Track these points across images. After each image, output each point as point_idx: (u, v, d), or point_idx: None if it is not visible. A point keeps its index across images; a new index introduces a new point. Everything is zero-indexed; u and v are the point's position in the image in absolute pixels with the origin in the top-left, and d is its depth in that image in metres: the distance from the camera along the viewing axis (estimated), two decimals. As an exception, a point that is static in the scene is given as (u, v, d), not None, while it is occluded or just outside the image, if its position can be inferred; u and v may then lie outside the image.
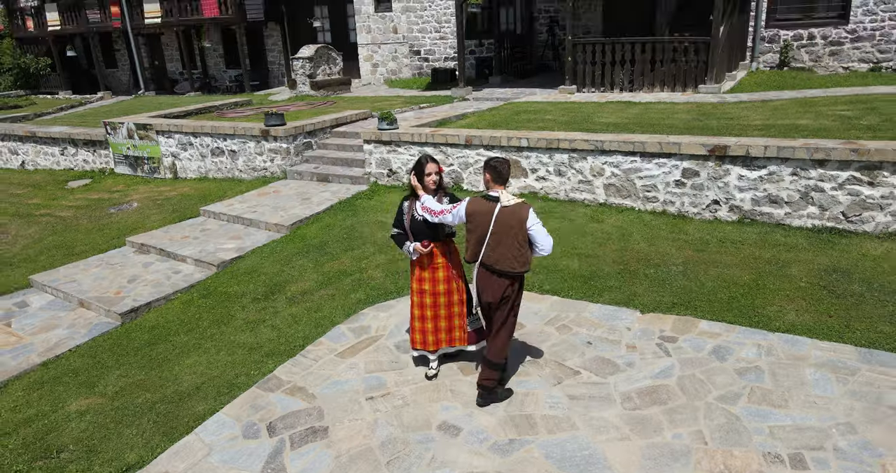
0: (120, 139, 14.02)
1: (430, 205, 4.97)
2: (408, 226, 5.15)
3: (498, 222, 4.71)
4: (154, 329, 7.22)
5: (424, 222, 5.07)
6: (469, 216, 4.85)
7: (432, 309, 5.31)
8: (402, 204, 5.25)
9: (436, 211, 4.94)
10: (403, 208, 5.21)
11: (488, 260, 4.82)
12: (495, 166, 4.79)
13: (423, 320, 5.36)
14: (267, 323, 6.94)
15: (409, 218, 5.13)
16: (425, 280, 5.24)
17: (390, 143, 10.50)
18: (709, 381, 5.16)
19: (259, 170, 12.24)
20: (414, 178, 5.09)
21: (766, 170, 7.77)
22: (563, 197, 9.27)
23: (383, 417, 5.09)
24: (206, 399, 5.69)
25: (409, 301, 5.43)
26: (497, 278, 4.84)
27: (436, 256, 5.20)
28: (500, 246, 4.74)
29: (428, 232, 5.10)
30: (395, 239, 5.32)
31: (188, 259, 8.75)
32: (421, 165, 5.04)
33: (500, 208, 4.73)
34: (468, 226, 4.89)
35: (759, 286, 6.58)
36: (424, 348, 5.45)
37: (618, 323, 6.16)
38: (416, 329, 5.43)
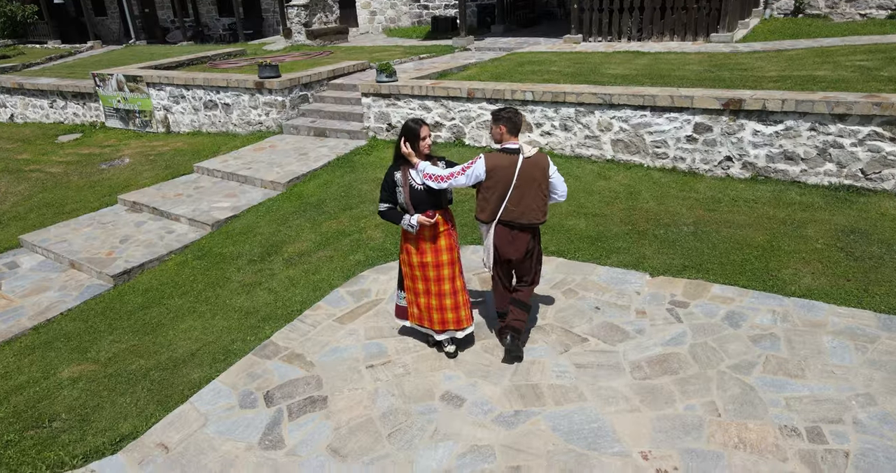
0: (110, 92, 13.56)
1: (434, 171, 4.62)
2: (407, 198, 4.68)
3: (521, 175, 4.53)
4: (147, 291, 7.02)
5: (426, 191, 4.68)
6: (490, 172, 4.58)
7: (436, 284, 4.89)
8: (391, 176, 4.72)
9: (443, 176, 4.60)
10: (396, 180, 4.70)
11: (510, 216, 4.64)
12: (510, 117, 4.58)
13: (428, 295, 4.93)
14: (263, 286, 6.73)
15: (408, 189, 4.67)
16: (427, 252, 4.87)
17: (389, 96, 10.09)
18: (722, 349, 4.97)
19: (254, 124, 11.85)
20: (406, 145, 4.61)
21: (783, 125, 7.42)
22: (568, 153, 8.93)
23: (384, 386, 4.92)
24: (202, 366, 5.52)
25: (406, 276, 5.02)
26: (519, 233, 4.73)
27: (439, 224, 4.83)
28: (524, 199, 4.59)
29: (431, 200, 4.73)
30: (385, 215, 4.81)
31: (182, 218, 8.48)
32: (414, 130, 4.59)
33: (523, 160, 4.54)
34: (486, 184, 4.62)
35: (773, 247, 6.34)
36: (430, 327, 5.09)
37: (626, 286, 5.94)
38: (413, 302, 5.06)
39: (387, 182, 4.75)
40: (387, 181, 4.75)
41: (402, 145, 4.63)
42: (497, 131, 4.65)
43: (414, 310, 5.11)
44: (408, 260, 4.95)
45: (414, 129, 4.58)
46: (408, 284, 5.05)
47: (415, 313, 5.12)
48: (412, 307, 5.10)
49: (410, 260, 4.91)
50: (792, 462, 3.91)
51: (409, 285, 5.04)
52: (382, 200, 4.80)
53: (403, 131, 4.62)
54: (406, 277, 5.04)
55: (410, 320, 5.19)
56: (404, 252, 4.96)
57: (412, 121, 4.64)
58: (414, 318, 5.15)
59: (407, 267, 4.99)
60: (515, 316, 5.00)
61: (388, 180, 4.75)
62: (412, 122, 4.62)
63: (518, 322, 5.00)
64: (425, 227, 4.76)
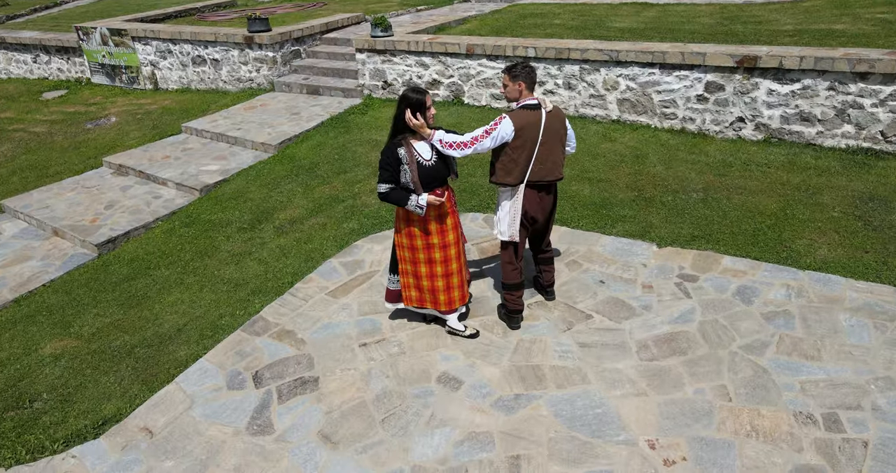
0: (94, 46, 13.01)
1: (453, 138, 4.27)
2: (415, 177, 4.22)
3: (547, 130, 4.37)
4: (133, 261, 6.75)
5: (435, 166, 4.31)
6: (518, 132, 4.31)
7: (443, 265, 4.56)
8: (394, 153, 4.23)
9: (465, 141, 4.26)
10: (400, 157, 4.22)
11: (538, 175, 4.45)
12: (528, 73, 4.33)
13: (434, 277, 4.61)
14: (253, 256, 6.46)
15: (416, 166, 4.22)
16: (433, 233, 4.51)
17: (385, 52, 9.60)
18: (733, 328, 4.72)
19: (244, 81, 11.37)
20: (415, 117, 4.14)
21: (800, 84, 7.01)
22: (572, 112, 8.53)
23: (378, 367, 4.70)
24: (188, 343, 5.29)
25: (397, 255, 4.68)
26: (546, 194, 4.62)
27: (445, 202, 4.48)
28: (550, 155, 4.44)
29: (439, 176, 4.36)
30: (388, 197, 4.30)
31: (169, 182, 8.15)
32: (421, 100, 4.15)
33: (546, 115, 4.36)
34: (514, 144, 4.34)
35: (787, 216, 6.03)
36: (435, 308, 4.76)
37: (633, 258, 5.66)
38: (412, 286, 4.73)
39: (388, 160, 4.25)
40: (388, 159, 4.25)
41: (411, 117, 4.13)
42: (515, 89, 4.37)
43: (412, 293, 4.78)
44: (409, 244, 4.56)
45: (421, 100, 4.14)
46: (405, 268, 4.70)
47: (413, 296, 4.80)
48: (409, 290, 4.78)
49: (414, 243, 4.53)
50: (808, 452, 3.70)
51: (407, 269, 4.69)
52: (383, 180, 4.29)
53: (408, 103, 4.14)
54: (404, 261, 4.68)
55: (407, 303, 4.87)
56: (405, 235, 4.55)
57: (414, 90, 4.17)
58: (412, 301, 4.83)
59: (407, 251, 4.61)
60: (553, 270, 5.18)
61: (391, 158, 4.24)
62: (415, 92, 4.15)
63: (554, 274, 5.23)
64: (432, 207, 4.39)
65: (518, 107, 4.39)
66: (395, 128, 4.28)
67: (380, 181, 4.32)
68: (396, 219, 4.59)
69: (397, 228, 4.61)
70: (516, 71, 4.33)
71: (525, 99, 4.38)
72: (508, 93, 4.43)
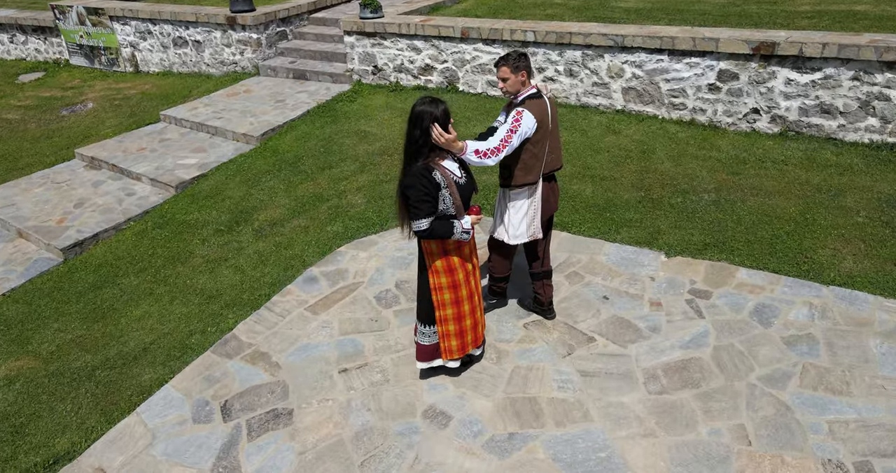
0: (71, 26, 12.37)
1: (488, 145, 3.77)
2: (458, 200, 3.62)
3: (553, 118, 4.12)
4: (101, 267, 6.27)
5: (468, 181, 3.76)
6: (538, 124, 3.96)
7: (469, 302, 4.00)
8: (431, 178, 3.54)
9: (498, 146, 3.79)
10: (437, 181, 3.55)
11: (549, 166, 4.18)
12: (527, 61, 4.01)
13: (461, 319, 4.00)
14: (229, 263, 5.99)
15: (455, 188, 3.62)
16: (470, 256, 3.92)
17: (374, 35, 9.01)
18: (751, 354, 4.27)
19: (228, 64, 10.77)
20: (447, 131, 3.52)
21: (821, 74, 6.47)
22: (574, 101, 7.98)
23: (358, 398, 4.25)
24: (154, 365, 4.84)
25: (434, 301, 3.94)
26: (554, 183, 4.35)
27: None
28: (556, 143, 4.20)
29: (470, 193, 3.81)
30: (433, 234, 3.61)
31: (143, 177, 7.64)
32: (444, 110, 3.52)
33: (549, 101, 4.11)
34: (534, 139, 3.99)
35: (807, 221, 5.54)
36: (463, 352, 4.14)
37: (639, 270, 5.19)
38: (453, 334, 4.03)
39: (426, 189, 3.53)
40: (426, 188, 3.53)
41: (441, 132, 3.49)
42: (518, 81, 3.99)
43: (453, 343, 4.06)
44: (450, 282, 3.88)
45: (445, 110, 3.53)
46: (445, 314, 3.97)
47: (454, 346, 4.07)
48: (450, 340, 4.05)
49: (455, 278, 3.88)
50: (839, 511, 3.28)
51: (448, 314, 3.97)
52: (424, 215, 3.56)
53: (432, 118, 3.48)
54: (444, 306, 3.95)
55: (446, 357, 4.13)
56: (445, 272, 3.85)
57: (430, 102, 3.52)
58: (453, 353, 4.10)
59: (448, 292, 3.90)
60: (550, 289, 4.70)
61: (429, 186, 3.54)
62: (433, 105, 3.50)
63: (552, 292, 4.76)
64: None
65: (524, 98, 4.01)
66: (414, 150, 3.56)
67: (418, 217, 3.57)
68: (427, 258, 3.86)
69: (432, 269, 3.86)
70: (518, 61, 3.94)
71: (528, 88, 4.03)
72: (509, 86, 4.01)
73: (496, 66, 4.02)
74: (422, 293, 4.01)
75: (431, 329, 4.06)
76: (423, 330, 4.10)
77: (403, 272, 5.48)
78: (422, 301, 4.03)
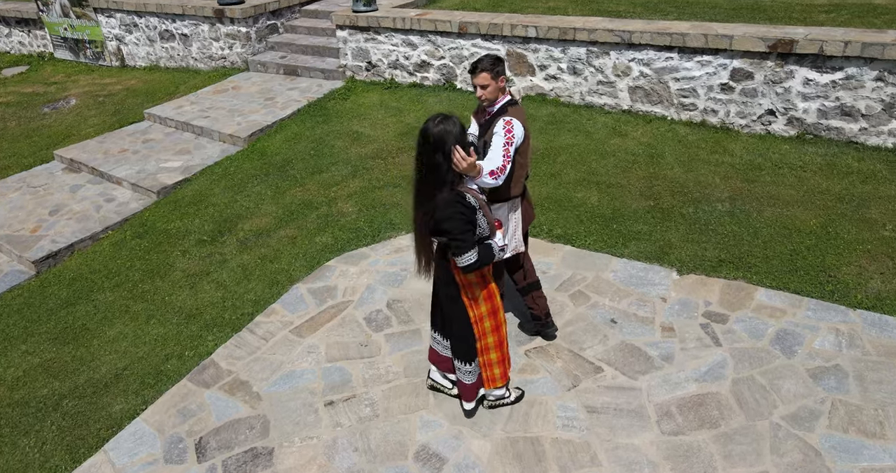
0: (54, 18, 11.92)
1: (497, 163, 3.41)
2: (491, 219, 3.31)
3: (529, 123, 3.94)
4: (75, 281, 5.90)
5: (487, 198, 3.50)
6: (525, 133, 3.67)
7: (504, 325, 3.69)
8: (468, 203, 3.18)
9: (504, 163, 3.44)
10: (473, 205, 3.19)
11: (526, 178, 3.92)
12: (504, 64, 3.70)
13: (502, 344, 3.69)
14: (211, 278, 5.61)
15: (487, 209, 3.30)
16: (494, 293, 3.56)
17: (368, 30, 8.58)
18: (773, 389, 3.91)
19: (216, 58, 10.34)
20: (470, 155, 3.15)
21: (843, 73, 6.06)
22: (577, 101, 7.57)
23: (345, 435, 3.90)
24: (126, 394, 4.49)
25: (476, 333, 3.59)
26: (527, 191, 4.03)
27: None
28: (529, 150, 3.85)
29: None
30: (481, 264, 3.27)
31: (124, 182, 7.25)
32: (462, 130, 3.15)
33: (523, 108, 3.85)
34: (522, 148, 3.69)
35: (828, 234, 5.17)
36: (506, 379, 3.81)
37: (649, 290, 4.81)
38: (495, 362, 3.69)
39: (468, 216, 3.17)
40: (467, 216, 3.17)
41: (464, 155, 3.11)
42: (498, 87, 3.65)
43: (496, 371, 3.71)
44: (491, 307, 3.55)
45: (462, 127, 3.16)
46: (488, 343, 3.62)
47: (498, 374, 3.73)
48: (493, 368, 3.71)
49: (495, 302, 3.56)
50: None
51: (490, 342, 3.62)
52: (471, 246, 3.20)
53: (451, 139, 3.08)
54: (485, 335, 3.59)
55: (490, 386, 3.77)
56: (485, 299, 3.52)
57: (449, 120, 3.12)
58: (496, 380, 3.75)
59: (489, 319, 3.57)
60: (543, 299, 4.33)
61: (467, 212, 3.16)
62: (454, 125, 3.11)
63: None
64: None
65: (505, 106, 3.69)
66: (439, 179, 3.13)
67: (465, 251, 3.19)
68: (465, 291, 3.48)
69: (473, 300, 3.50)
70: (497, 66, 3.60)
71: (505, 95, 3.71)
72: (489, 93, 3.65)
73: (473, 73, 3.63)
74: (460, 329, 3.58)
75: (474, 364, 3.69)
76: (465, 368, 3.69)
77: (396, 290, 5.11)
78: (461, 338, 3.61)
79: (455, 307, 3.54)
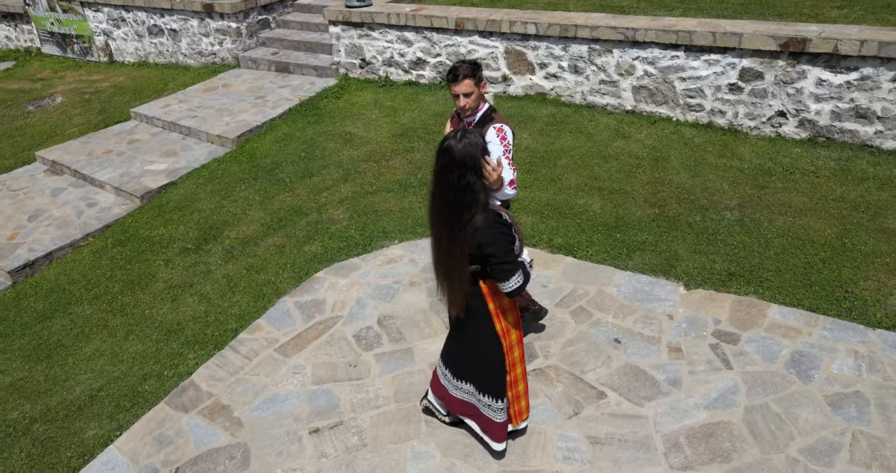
0: (41, 12, 11.59)
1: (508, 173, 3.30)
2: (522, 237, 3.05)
3: None
4: (52, 293, 5.63)
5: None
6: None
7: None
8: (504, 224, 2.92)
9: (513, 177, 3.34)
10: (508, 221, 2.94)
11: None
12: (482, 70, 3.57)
13: (525, 374, 3.43)
14: (195, 290, 5.34)
15: (518, 225, 3.04)
16: (519, 319, 3.31)
17: (362, 26, 8.28)
18: (789, 418, 3.65)
19: (206, 54, 10.03)
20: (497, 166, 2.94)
21: (858, 74, 5.78)
22: (578, 100, 7.28)
23: (331, 467, 3.64)
24: (100, 418, 4.23)
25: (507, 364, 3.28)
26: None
27: None
28: None
29: None
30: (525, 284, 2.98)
31: (107, 185, 6.97)
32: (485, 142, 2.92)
33: None
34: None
35: (844, 246, 4.90)
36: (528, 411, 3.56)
37: (655, 306, 4.55)
38: (522, 393, 3.44)
39: (508, 236, 2.93)
40: (507, 236, 2.92)
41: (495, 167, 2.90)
42: (480, 93, 3.47)
43: (523, 403, 3.46)
44: (519, 335, 3.28)
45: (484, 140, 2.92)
46: (517, 374, 3.34)
47: (524, 405, 3.47)
48: (520, 401, 3.43)
49: (521, 329, 3.32)
50: None
51: (522, 370, 3.36)
52: (517, 268, 2.91)
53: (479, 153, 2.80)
54: (519, 362, 3.32)
55: (519, 420, 3.49)
56: (515, 327, 3.23)
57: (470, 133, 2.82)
58: (524, 413, 3.50)
59: (519, 346, 3.30)
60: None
61: (508, 232, 2.93)
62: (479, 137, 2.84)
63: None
64: None
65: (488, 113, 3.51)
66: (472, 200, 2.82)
67: (512, 274, 2.90)
68: (497, 319, 3.16)
69: (505, 328, 3.18)
70: (478, 71, 3.41)
71: (485, 102, 3.52)
72: (473, 101, 3.45)
73: (455, 81, 3.39)
74: (493, 365, 3.24)
75: (505, 400, 3.34)
76: (495, 406, 3.33)
77: (387, 305, 4.84)
78: (493, 373, 3.27)
79: (487, 340, 3.19)
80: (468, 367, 3.34)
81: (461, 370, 3.39)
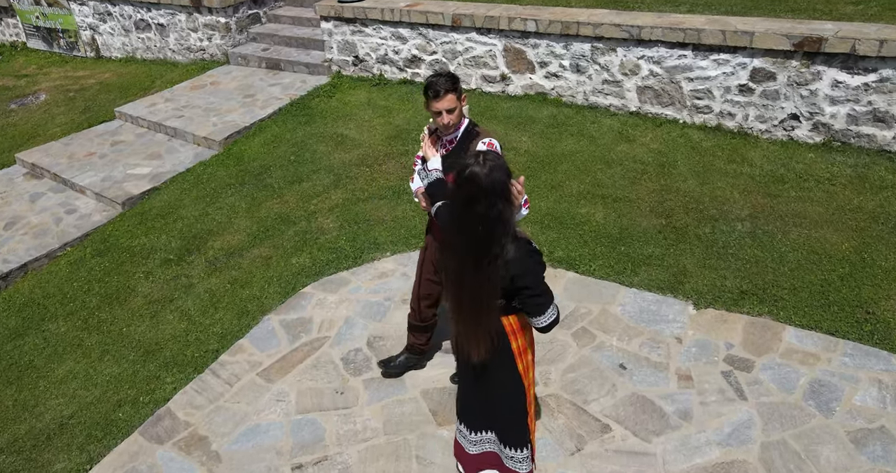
0: (26, 6, 11.23)
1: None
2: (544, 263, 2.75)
3: None
4: (25, 308, 5.35)
5: None
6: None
7: None
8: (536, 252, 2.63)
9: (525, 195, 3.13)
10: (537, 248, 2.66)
11: None
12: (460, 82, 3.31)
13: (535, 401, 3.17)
14: (175, 305, 5.06)
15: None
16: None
17: (355, 21, 7.94)
18: (809, 458, 3.37)
19: (195, 50, 9.69)
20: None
21: (876, 75, 5.46)
22: (581, 101, 6.96)
23: (313, 510, 3.37)
24: (70, 449, 3.96)
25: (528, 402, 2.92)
26: None
27: None
28: None
29: None
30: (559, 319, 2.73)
31: (88, 191, 6.67)
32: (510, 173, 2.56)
33: None
34: None
35: (863, 261, 4.61)
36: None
37: (663, 327, 4.26)
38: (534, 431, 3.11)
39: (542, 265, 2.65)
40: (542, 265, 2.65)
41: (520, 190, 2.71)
42: (461, 108, 3.25)
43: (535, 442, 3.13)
44: (534, 371, 3.03)
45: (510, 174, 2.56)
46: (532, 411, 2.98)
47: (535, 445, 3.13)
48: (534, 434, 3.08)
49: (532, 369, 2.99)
50: None
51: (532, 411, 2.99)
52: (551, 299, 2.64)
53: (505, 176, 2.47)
54: (532, 403, 2.98)
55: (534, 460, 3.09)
56: (533, 363, 2.94)
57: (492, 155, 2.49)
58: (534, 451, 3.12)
59: (533, 386, 2.99)
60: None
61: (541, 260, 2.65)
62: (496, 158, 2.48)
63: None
64: None
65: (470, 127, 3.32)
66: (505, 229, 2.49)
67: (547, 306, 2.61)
68: (521, 357, 2.82)
69: (526, 365, 2.86)
70: (458, 84, 3.18)
71: (464, 116, 3.31)
72: (456, 117, 3.22)
73: (436, 97, 3.12)
74: (515, 409, 2.88)
75: (528, 448, 2.97)
76: (518, 456, 2.94)
77: (377, 324, 4.56)
78: (515, 421, 2.91)
79: (510, 384, 2.83)
80: (490, 416, 2.94)
81: (481, 420, 2.97)
